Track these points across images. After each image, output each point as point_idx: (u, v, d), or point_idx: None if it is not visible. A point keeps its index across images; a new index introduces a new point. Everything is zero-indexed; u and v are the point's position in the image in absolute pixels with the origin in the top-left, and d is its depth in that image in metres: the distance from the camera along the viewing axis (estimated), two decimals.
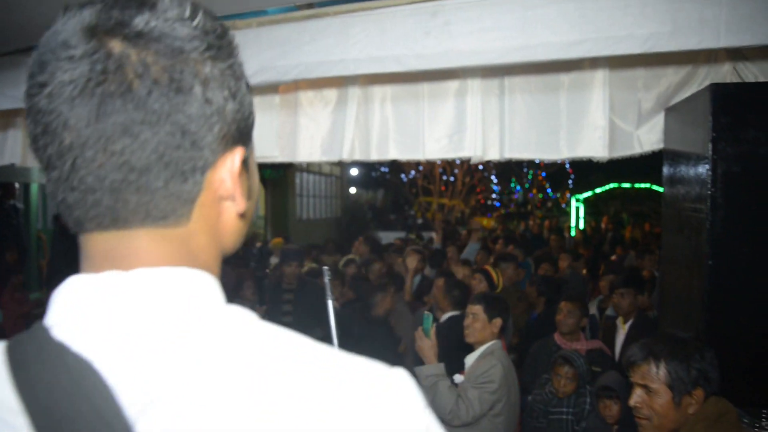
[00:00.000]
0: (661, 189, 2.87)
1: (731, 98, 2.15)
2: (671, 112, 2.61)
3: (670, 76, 2.61)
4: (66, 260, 6.68)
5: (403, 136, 2.72)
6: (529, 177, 24.80)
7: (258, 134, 2.69)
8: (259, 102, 2.90)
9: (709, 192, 2.17)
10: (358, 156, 2.85)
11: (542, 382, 3.83)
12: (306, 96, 2.84)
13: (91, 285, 0.59)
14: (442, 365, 3.06)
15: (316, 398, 0.56)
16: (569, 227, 18.66)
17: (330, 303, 1.93)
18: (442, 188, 20.50)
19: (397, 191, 23.29)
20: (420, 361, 3.17)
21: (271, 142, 2.86)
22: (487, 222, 20.97)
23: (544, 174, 24.70)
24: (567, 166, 24.30)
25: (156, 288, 0.59)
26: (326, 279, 1.96)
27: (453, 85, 2.65)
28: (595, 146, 2.56)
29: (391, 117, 2.74)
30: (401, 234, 14.10)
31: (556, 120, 2.59)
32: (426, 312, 3.29)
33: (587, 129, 2.57)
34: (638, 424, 1.83)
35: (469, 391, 2.99)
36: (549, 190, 25.37)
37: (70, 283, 0.60)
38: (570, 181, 24.44)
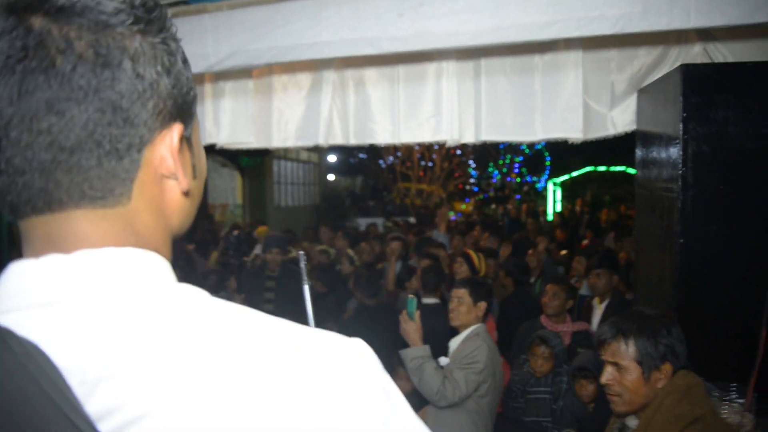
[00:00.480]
0: (635, 172, 2.91)
1: (701, 79, 2.18)
2: (643, 93, 2.64)
3: (643, 57, 2.63)
4: None
5: (378, 120, 2.71)
6: (507, 161, 24.95)
7: (232, 120, 2.66)
8: (232, 87, 2.86)
9: (680, 172, 2.20)
10: (333, 141, 2.84)
11: (520, 363, 3.89)
12: (281, 80, 2.80)
13: (31, 269, 0.57)
14: (427, 347, 3.09)
15: (272, 364, 0.56)
16: (545, 211, 18.85)
17: (306, 288, 1.93)
18: (420, 173, 20.53)
19: (376, 177, 23.27)
20: (405, 345, 3.20)
21: (245, 128, 2.82)
22: (466, 207, 21.10)
23: (521, 158, 24.88)
24: (545, 150, 24.52)
25: (100, 268, 0.57)
26: (302, 264, 1.95)
27: (428, 67, 2.64)
28: (569, 127, 2.58)
29: (367, 101, 2.72)
30: (380, 220, 14.14)
31: (530, 102, 2.60)
32: (410, 296, 3.31)
33: (562, 110, 2.58)
34: (610, 400, 1.87)
35: (455, 372, 3.03)
36: (529, 177, 25.58)
37: (10, 269, 0.58)
38: (547, 166, 24.64)
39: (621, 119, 2.71)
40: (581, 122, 2.59)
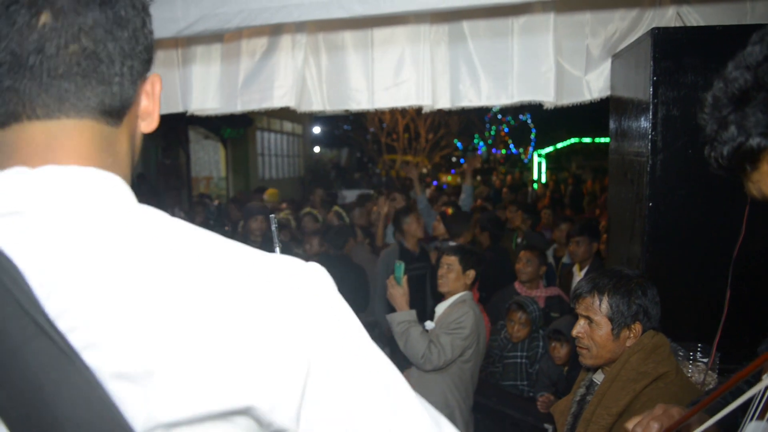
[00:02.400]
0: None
1: (672, 42, 2.18)
2: (617, 58, 2.64)
3: (617, 21, 2.62)
4: None
5: (353, 85, 2.68)
6: (492, 133, 24.93)
7: (202, 86, 2.60)
8: (203, 52, 2.82)
9: (650, 136, 2.21)
10: (306, 107, 2.81)
11: (498, 328, 3.95)
12: (250, 45, 2.76)
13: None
14: (413, 312, 3.13)
15: (222, 273, 0.63)
16: (531, 182, 18.91)
17: (277, 249, 1.94)
18: (405, 145, 20.46)
19: (361, 149, 23.17)
20: (391, 308, 3.23)
21: (214, 94, 2.80)
22: (452, 178, 21.09)
23: (506, 130, 24.86)
24: (529, 121, 24.51)
25: (68, 183, 0.64)
26: (273, 226, 1.96)
27: (403, 31, 2.61)
28: (544, 91, 2.57)
29: (340, 66, 2.69)
30: (366, 191, 14.12)
31: (505, 65, 2.59)
32: (397, 261, 3.34)
33: (536, 74, 2.57)
34: (579, 353, 1.92)
35: (441, 336, 3.07)
36: (512, 146, 25.60)
37: None
38: (532, 138, 24.68)
39: (596, 84, 2.71)
40: (556, 86, 2.58)
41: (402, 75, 2.62)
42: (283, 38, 2.71)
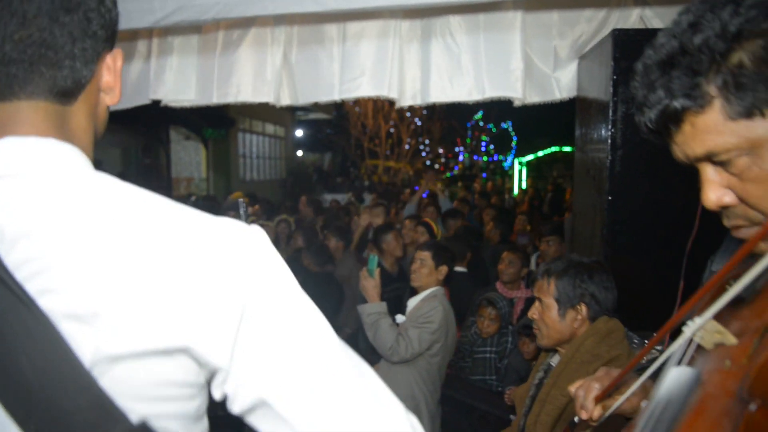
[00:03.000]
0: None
1: (631, 43, 2.28)
2: (583, 59, 2.73)
3: (583, 24, 2.72)
4: None
5: (323, 77, 2.74)
6: (473, 141, 25.13)
7: (177, 77, 2.63)
8: (180, 42, 2.86)
9: (609, 133, 2.31)
10: (284, 101, 2.86)
11: (468, 324, 4.02)
12: (227, 37, 2.81)
13: None
14: (384, 304, 3.18)
15: (163, 230, 0.69)
16: (511, 189, 19.09)
17: None
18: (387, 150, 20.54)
19: (344, 153, 23.20)
20: (364, 300, 3.29)
21: (188, 85, 2.84)
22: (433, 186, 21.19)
23: (488, 138, 25.06)
24: (510, 129, 24.72)
25: (28, 150, 0.71)
26: (241, 210, 2.01)
27: (375, 26, 2.67)
28: (513, 87, 2.64)
29: (312, 59, 2.75)
30: (347, 196, 14.16)
31: (475, 62, 2.66)
32: (371, 253, 3.40)
33: (506, 71, 2.64)
34: (535, 334, 2.01)
35: (410, 330, 3.12)
36: (496, 155, 25.81)
37: None
38: (513, 145, 24.89)
39: (564, 83, 2.79)
40: (524, 83, 2.66)
41: (372, 69, 2.69)
42: (260, 32, 2.76)
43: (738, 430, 0.57)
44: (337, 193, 15.28)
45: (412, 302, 3.40)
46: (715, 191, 0.82)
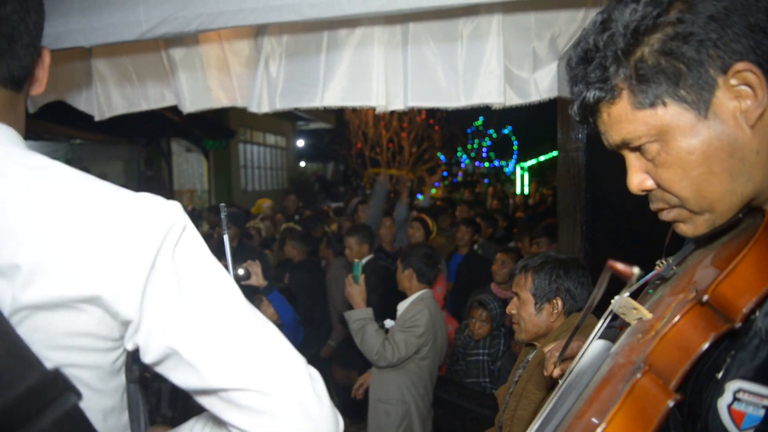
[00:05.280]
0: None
1: None
2: (563, 60, 2.77)
3: (562, 24, 2.75)
4: None
5: (306, 84, 2.80)
6: (475, 146, 25.18)
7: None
8: (169, 53, 2.93)
9: (586, 130, 2.34)
10: (263, 108, 2.92)
11: (462, 327, 4.05)
12: (214, 47, 2.88)
13: None
14: (370, 310, 3.21)
15: (87, 196, 0.79)
16: (513, 194, 19.11)
17: (225, 237, 2.03)
18: (389, 158, 20.60)
19: (346, 163, 23.27)
20: (350, 306, 3.33)
21: (181, 95, 2.91)
22: (436, 191, 21.23)
23: (489, 143, 25.11)
24: (512, 135, 24.76)
25: None
26: (222, 214, 2.06)
27: (356, 33, 2.73)
28: (491, 92, 2.68)
29: (295, 67, 2.81)
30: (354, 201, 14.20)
31: (455, 68, 2.71)
32: (356, 260, 3.44)
33: (484, 76, 2.69)
34: (513, 329, 2.05)
35: (396, 334, 3.15)
36: (497, 161, 25.85)
37: None
38: (514, 150, 24.94)
39: (543, 85, 2.83)
40: (503, 87, 2.70)
41: (355, 76, 2.74)
42: (242, 42, 2.83)
43: (624, 393, 0.61)
44: (339, 202, 15.33)
45: (402, 306, 3.43)
46: (637, 176, 0.88)
